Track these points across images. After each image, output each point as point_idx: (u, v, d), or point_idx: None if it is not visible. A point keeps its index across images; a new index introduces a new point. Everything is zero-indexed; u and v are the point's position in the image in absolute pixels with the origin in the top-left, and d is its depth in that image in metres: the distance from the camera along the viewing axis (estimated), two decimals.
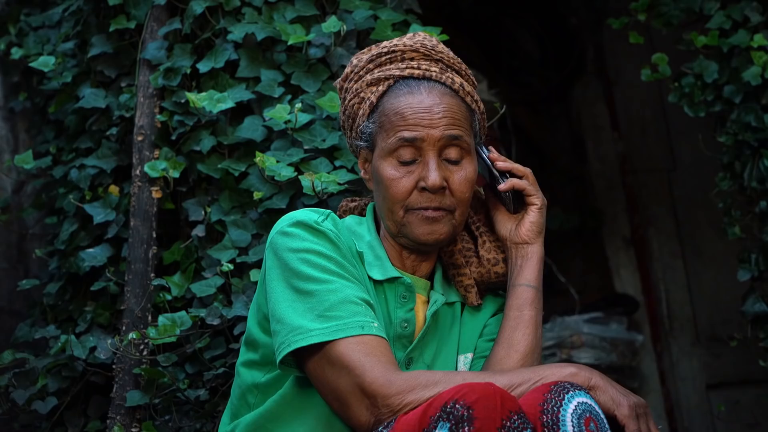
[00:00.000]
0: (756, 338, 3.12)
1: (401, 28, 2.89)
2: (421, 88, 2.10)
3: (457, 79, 2.15)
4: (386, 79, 2.13)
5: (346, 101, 2.19)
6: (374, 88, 2.14)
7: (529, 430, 1.78)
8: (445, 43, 2.84)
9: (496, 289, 2.22)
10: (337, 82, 2.24)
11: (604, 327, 4.56)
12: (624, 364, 4.56)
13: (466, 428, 1.74)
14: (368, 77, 2.15)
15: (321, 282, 1.98)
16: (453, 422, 1.76)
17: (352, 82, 2.18)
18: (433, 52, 2.17)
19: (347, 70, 2.20)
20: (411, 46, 2.16)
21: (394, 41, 2.19)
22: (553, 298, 4.75)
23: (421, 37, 2.20)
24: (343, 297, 1.97)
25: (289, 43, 2.82)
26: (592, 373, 1.93)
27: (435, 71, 2.14)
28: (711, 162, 3.35)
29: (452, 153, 2.09)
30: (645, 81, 3.38)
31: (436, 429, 1.78)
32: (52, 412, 2.84)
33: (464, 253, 2.19)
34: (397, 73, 2.13)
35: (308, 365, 1.97)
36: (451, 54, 2.21)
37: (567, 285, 4.78)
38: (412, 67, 2.13)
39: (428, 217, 2.07)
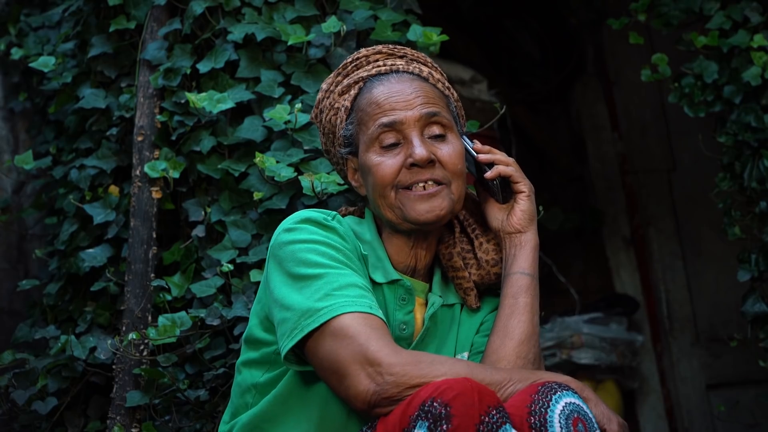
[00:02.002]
0: (756, 338, 3.11)
1: (401, 28, 2.89)
2: (391, 78, 2.14)
3: (425, 69, 2.19)
4: (356, 83, 2.17)
5: (323, 120, 2.22)
6: (346, 95, 2.18)
7: (508, 423, 1.78)
8: (445, 43, 2.87)
9: (496, 289, 2.22)
10: (312, 115, 2.27)
11: (604, 327, 4.56)
12: (624, 365, 4.56)
13: (444, 426, 1.74)
14: (338, 89, 2.19)
15: (329, 267, 1.98)
16: (431, 420, 1.76)
17: (326, 100, 2.22)
18: (395, 50, 2.22)
19: (318, 96, 2.24)
20: (374, 49, 2.22)
21: (356, 52, 2.23)
22: (554, 298, 4.76)
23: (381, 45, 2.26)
24: (351, 281, 1.97)
25: (289, 43, 2.83)
26: (585, 387, 1.95)
27: (401, 64, 2.18)
28: (711, 162, 3.35)
29: (435, 129, 2.11)
30: (645, 81, 3.37)
31: (415, 428, 1.77)
32: (52, 412, 2.84)
33: (463, 255, 2.19)
34: (365, 74, 2.17)
35: (309, 344, 1.94)
36: (414, 51, 2.25)
37: (567, 285, 4.78)
38: (379, 66, 2.18)
39: (423, 194, 2.06)
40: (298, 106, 2.71)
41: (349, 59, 2.22)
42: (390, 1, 2.95)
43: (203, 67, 2.90)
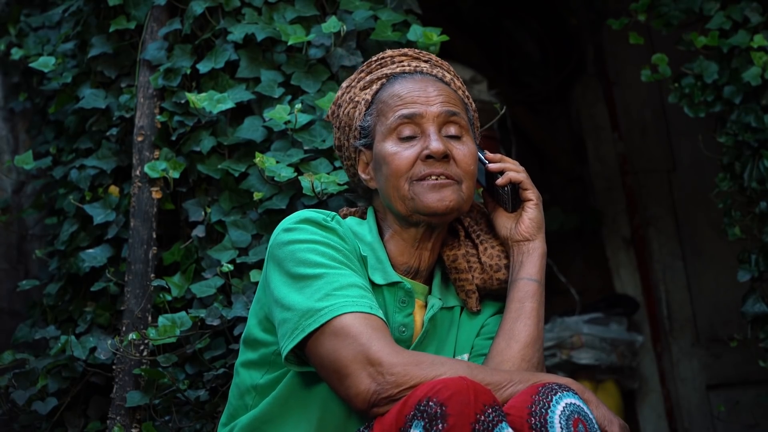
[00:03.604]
0: (756, 339, 3.11)
1: (401, 28, 2.89)
2: (415, 77, 2.17)
3: (447, 75, 2.22)
4: (379, 79, 2.20)
5: (341, 115, 2.23)
6: (368, 89, 2.20)
7: (504, 422, 1.78)
8: (445, 43, 2.87)
9: (497, 296, 2.22)
10: (329, 112, 2.28)
11: (604, 328, 4.56)
12: (624, 365, 4.56)
13: (440, 425, 1.74)
14: (360, 84, 2.21)
15: (329, 267, 1.98)
16: (427, 420, 1.76)
17: (345, 95, 2.24)
18: (421, 54, 2.26)
19: (337, 94, 2.26)
20: (400, 51, 2.25)
21: (381, 53, 2.27)
22: (554, 299, 4.76)
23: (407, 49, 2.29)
24: (352, 281, 1.97)
25: (289, 43, 2.83)
26: (586, 389, 1.95)
27: (425, 67, 2.21)
28: (711, 162, 3.35)
29: (452, 129, 2.12)
30: (645, 81, 3.38)
31: (411, 428, 1.78)
32: (52, 412, 2.84)
33: (468, 258, 2.19)
34: (389, 72, 2.20)
35: (309, 344, 1.94)
36: (438, 58, 2.28)
37: (568, 285, 4.78)
38: (404, 66, 2.21)
39: (435, 184, 2.07)
40: (298, 106, 2.71)
41: (374, 58, 2.25)
42: (390, 1, 2.95)
43: (203, 68, 2.90)
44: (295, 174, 2.68)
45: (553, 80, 5.26)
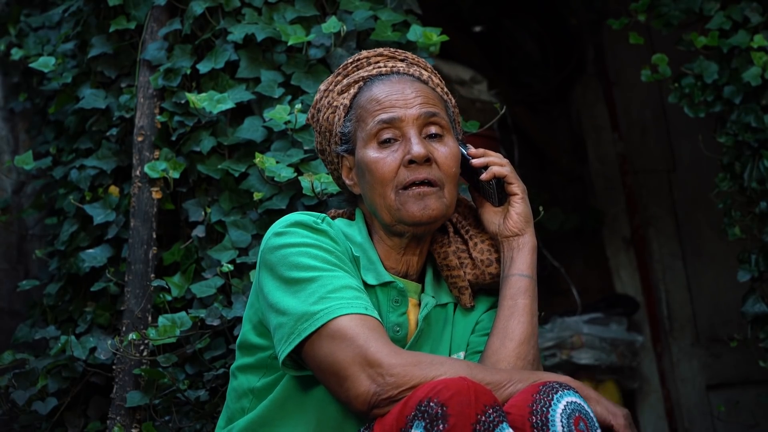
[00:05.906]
0: (756, 339, 3.12)
1: (401, 28, 2.89)
2: (392, 79, 2.16)
3: (425, 72, 2.21)
4: (356, 82, 2.18)
5: (320, 119, 2.22)
6: (345, 93, 2.18)
7: (505, 422, 1.78)
8: (445, 43, 2.87)
9: (490, 290, 2.21)
10: (308, 116, 2.27)
11: (604, 328, 4.56)
12: (624, 365, 4.56)
13: (441, 426, 1.74)
14: (338, 88, 2.20)
15: (322, 270, 1.98)
16: (427, 420, 1.75)
17: (323, 100, 2.22)
18: (396, 53, 2.24)
19: (316, 97, 2.25)
20: (375, 51, 2.24)
21: (357, 54, 2.25)
22: (554, 299, 4.76)
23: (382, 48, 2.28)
24: (346, 283, 1.97)
25: (289, 43, 2.83)
26: (585, 386, 1.95)
27: (402, 66, 2.20)
28: (711, 162, 3.35)
29: (432, 130, 2.12)
30: (645, 81, 3.38)
31: (412, 428, 1.77)
32: (52, 412, 2.84)
33: (458, 255, 2.18)
34: (365, 74, 2.18)
35: (306, 348, 1.94)
36: (414, 56, 2.27)
37: (570, 286, 4.78)
38: (380, 67, 2.19)
39: (419, 192, 2.06)
40: (298, 106, 2.72)
41: (350, 60, 2.23)
42: (390, 1, 2.96)
43: (203, 68, 2.90)
44: (295, 174, 2.68)
45: (553, 80, 5.26)
